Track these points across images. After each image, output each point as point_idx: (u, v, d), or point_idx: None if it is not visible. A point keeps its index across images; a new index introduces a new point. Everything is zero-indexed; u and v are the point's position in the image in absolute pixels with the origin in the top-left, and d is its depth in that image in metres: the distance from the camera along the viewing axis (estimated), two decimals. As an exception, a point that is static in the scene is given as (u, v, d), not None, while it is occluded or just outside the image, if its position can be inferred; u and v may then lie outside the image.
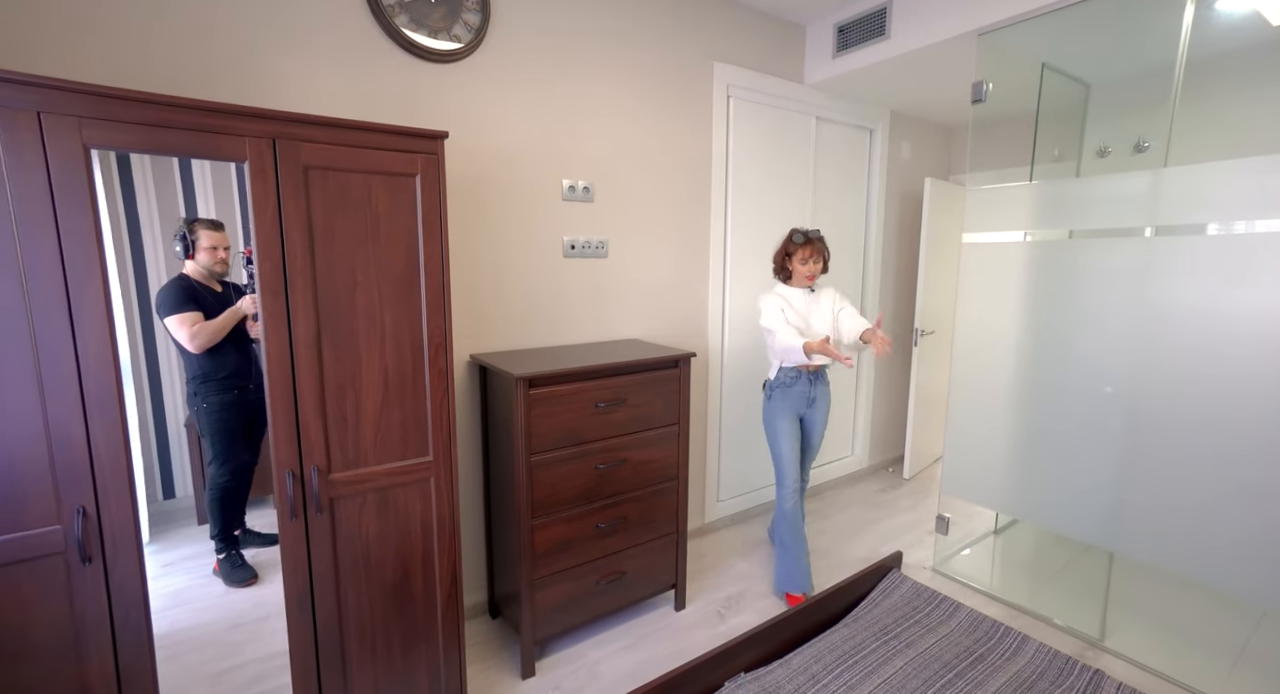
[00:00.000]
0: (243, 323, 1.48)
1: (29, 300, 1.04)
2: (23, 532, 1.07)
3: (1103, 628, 2.06)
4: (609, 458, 1.90)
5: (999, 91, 2.17)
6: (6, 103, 0.99)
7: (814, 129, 2.98)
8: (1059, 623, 2.14)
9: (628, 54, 2.28)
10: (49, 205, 1.04)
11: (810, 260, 2.18)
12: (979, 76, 2.18)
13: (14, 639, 1.09)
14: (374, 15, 1.75)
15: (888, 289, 3.55)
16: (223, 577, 1.58)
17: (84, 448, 1.10)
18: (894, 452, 3.79)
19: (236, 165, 1.40)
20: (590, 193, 2.24)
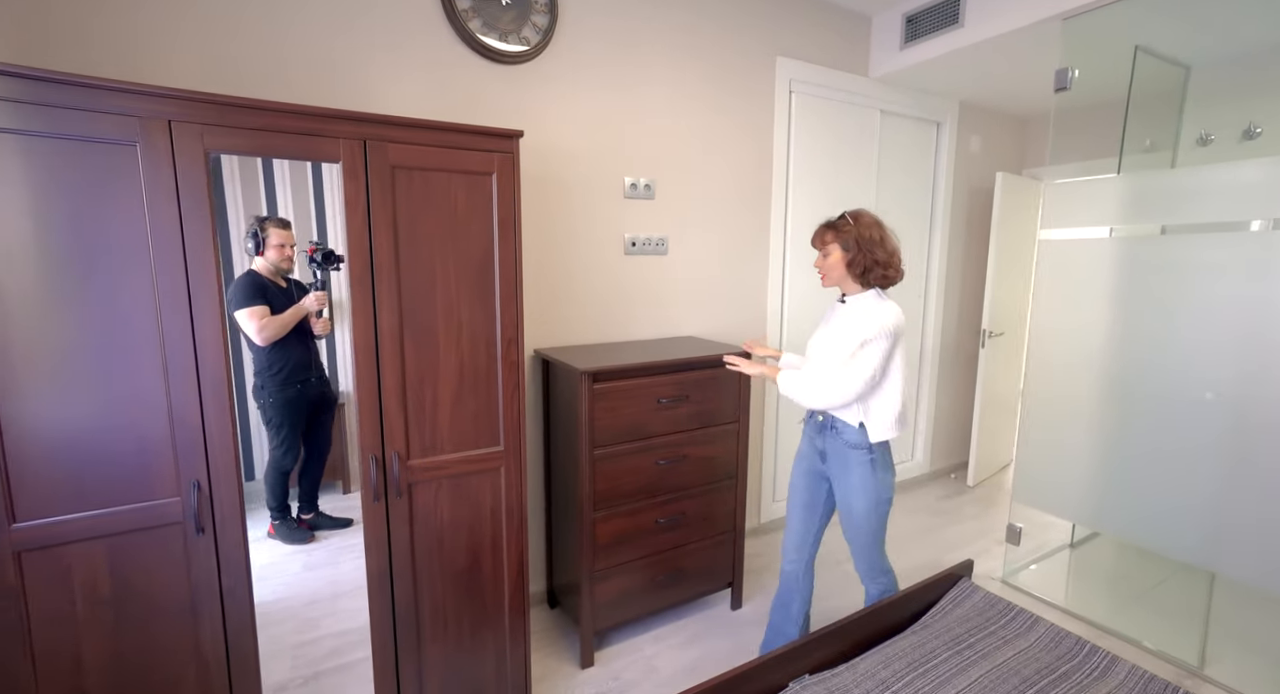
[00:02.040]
0: (306, 319, 1.55)
1: (158, 295, 1.14)
2: (150, 501, 1.17)
3: (1202, 655, 1.91)
4: (670, 454, 1.91)
5: (1085, 79, 2.05)
6: (145, 113, 1.08)
7: (878, 123, 2.90)
8: (1150, 646, 2.00)
9: (690, 50, 2.27)
10: (175, 207, 1.13)
11: (818, 253, 1.64)
12: (1063, 63, 2.06)
13: (144, 601, 1.20)
14: (449, 20, 1.82)
15: (953, 289, 3.41)
16: (280, 538, 1.66)
17: (199, 427, 1.20)
18: (957, 457, 3.64)
19: (313, 165, 1.49)
20: (651, 190, 2.25)
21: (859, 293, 1.60)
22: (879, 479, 1.61)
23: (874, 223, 1.59)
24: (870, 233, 1.56)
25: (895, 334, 1.52)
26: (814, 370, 1.57)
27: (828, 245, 1.60)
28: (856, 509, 1.62)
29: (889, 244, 1.57)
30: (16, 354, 1.05)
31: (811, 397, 1.54)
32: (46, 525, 1.11)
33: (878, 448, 1.59)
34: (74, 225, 1.07)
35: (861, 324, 1.53)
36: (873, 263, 1.55)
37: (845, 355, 1.52)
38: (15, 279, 1.04)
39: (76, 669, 1.17)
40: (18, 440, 1.07)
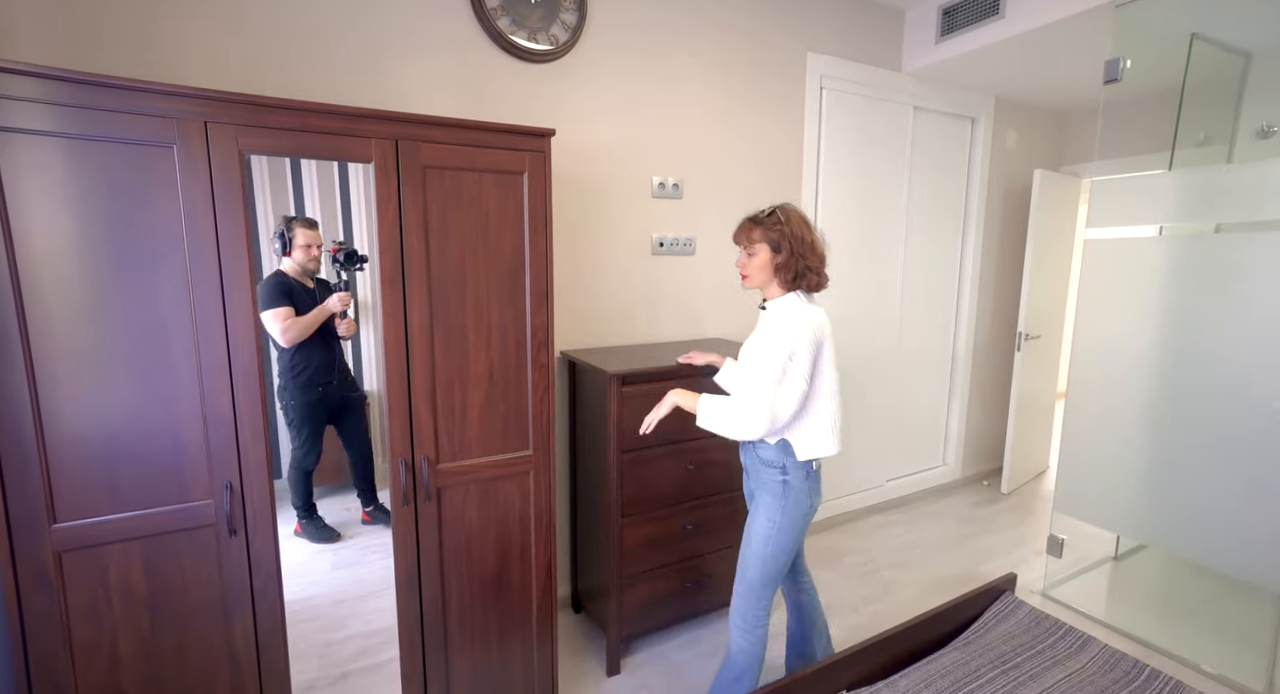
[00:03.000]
0: (331, 320, 1.53)
1: (193, 296, 1.14)
2: (185, 503, 1.18)
3: (1270, 682, 1.80)
4: (699, 458, 1.88)
5: (1137, 69, 1.95)
6: (182, 115, 1.08)
7: (910, 119, 2.82)
8: (1209, 670, 1.89)
9: (720, 48, 2.23)
10: (210, 208, 1.13)
11: (741, 251, 1.47)
12: (1114, 53, 1.96)
13: (179, 599, 1.20)
14: (478, 18, 1.81)
15: (987, 290, 3.31)
16: (307, 537, 1.67)
17: (231, 429, 1.20)
18: (989, 463, 3.54)
19: (340, 166, 1.48)
20: (680, 189, 2.22)
21: (780, 297, 1.43)
22: (786, 507, 1.38)
23: (803, 221, 1.42)
24: (802, 233, 1.39)
25: (819, 341, 1.36)
26: (734, 397, 1.36)
27: (754, 244, 1.42)
28: (756, 532, 1.43)
29: (819, 247, 1.42)
30: (58, 356, 1.06)
31: (734, 428, 1.34)
32: (85, 526, 1.11)
33: (795, 468, 1.38)
34: (112, 227, 1.07)
35: (783, 334, 1.34)
36: (805, 268, 1.39)
37: (767, 371, 1.32)
38: (56, 281, 1.05)
39: (113, 665, 1.18)
40: (58, 442, 1.08)
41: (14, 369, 1.03)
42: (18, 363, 1.03)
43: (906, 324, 3.03)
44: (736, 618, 1.46)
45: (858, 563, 2.54)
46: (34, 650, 1.10)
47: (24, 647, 1.09)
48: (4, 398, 1.03)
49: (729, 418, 1.34)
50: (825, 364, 1.39)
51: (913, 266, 3.00)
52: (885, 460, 3.07)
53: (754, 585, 1.43)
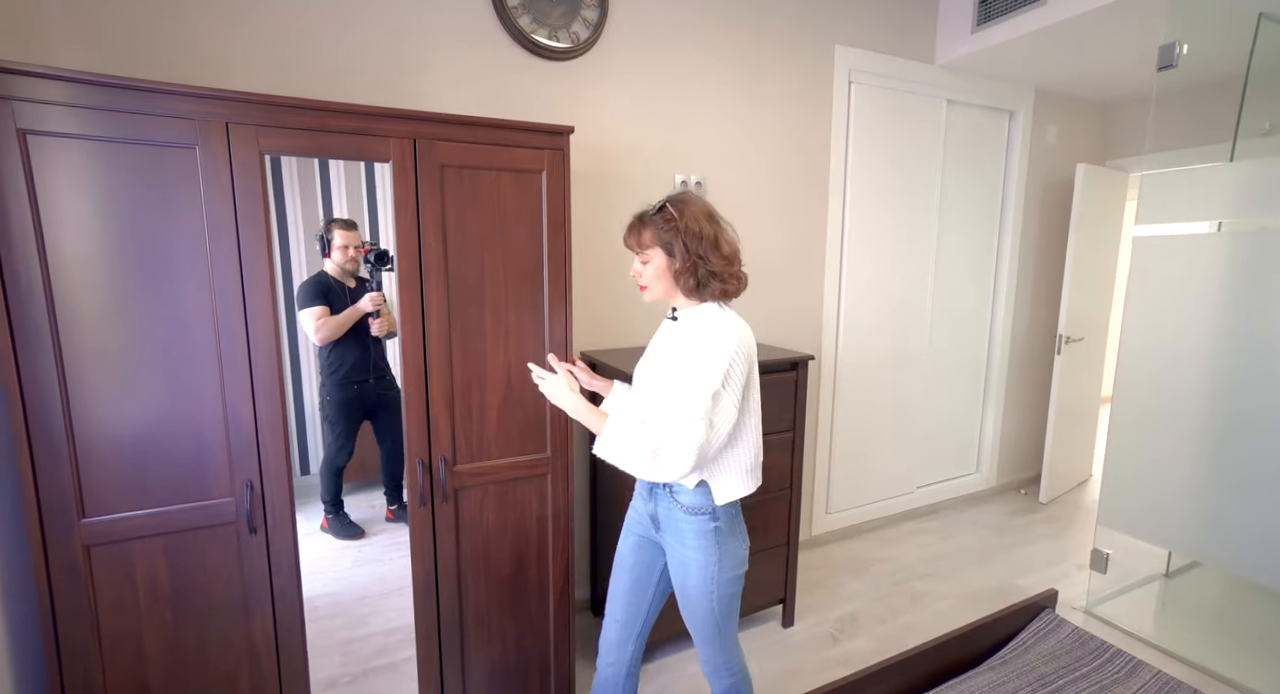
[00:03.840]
0: (365, 320, 1.55)
1: (214, 296, 1.15)
2: (207, 501, 1.19)
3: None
4: (719, 463, 1.83)
5: (1194, 54, 1.83)
6: (204, 116, 1.09)
7: (944, 113, 2.72)
8: (1271, 699, 1.77)
9: (745, 42, 2.18)
10: (231, 208, 1.14)
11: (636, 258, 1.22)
12: (1169, 37, 1.84)
13: (202, 595, 1.22)
14: (498, 17, 1.80)
15: (1024, 290, 3.17)
16: (332, 532, 1.68)
17: (252, 428, 1.20)
18: (1026, 471, 3.39)
19: (366, 166, 1.49)
20: (703, 187, 2.18)
21: (694, 306, 1.20)
22: (725, 551, 1.21)
23: (705, 215, 1.16)
24: (700, 229, 1.13)
25: (750, 361, 1.14)
26: (655, 426, 1.09)
27: (646, 248, 1.18)
28: (694, 590, 1.22)
29: (725, 244, 1.17)
30: (86, 356, 1.08)
31: (651, 466, 1.07)
32: (112, 521, 1.13)
33: (724, 511, 1.20)
34: (136, 228, 1.09)
35: (711, 353, 1.10)
36: (708, 274, 1.14)
37: (697, 400, 1.07)
38: (84, 281, 1.07)
39: (139, 659, 1.20)
40: (86, 438, 1.10)
41: (45, 368, 1.05)
42: (49, 361, 1.05)
43: (938, 325, 2.92)
44: (713, 668, 1.30)
45: (887, 572, 2.45)
46: (65, 642, 1.13)
47: (55, 639, 1.12)
48: (36, 395, 1.05)
49: (646, 452, 1.07)
50: (753, 389, 1.18)
51: (945, 265, 2.90)
52: (916, 466, 2.97)
53: (713, 636, 1.26)
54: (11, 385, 1.03)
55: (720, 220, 1.20)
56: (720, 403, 1.09)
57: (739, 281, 1.19)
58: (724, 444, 1.13)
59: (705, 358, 1.10)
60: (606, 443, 1.11)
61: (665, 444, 1.07)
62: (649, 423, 1.11)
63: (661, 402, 1.14)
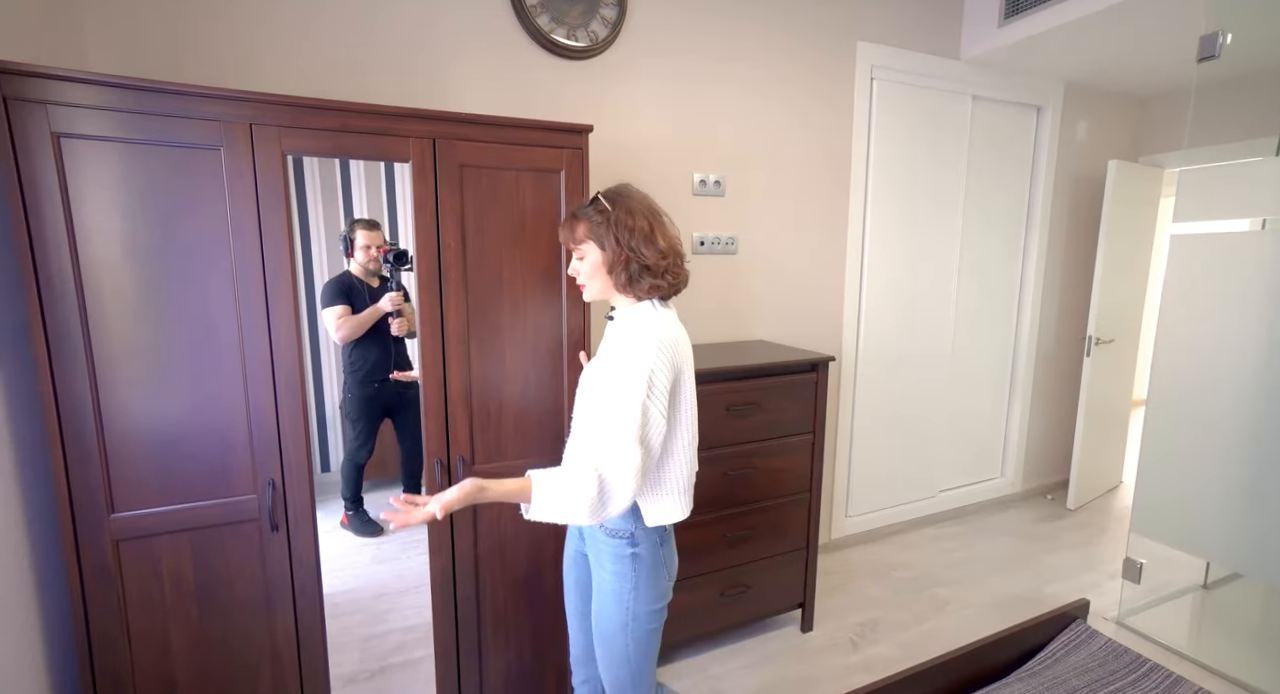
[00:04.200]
0: (386, 319, 1.56)
1: (237, 296, 1.16)
2: (230, 498, 1.21)
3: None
4: (739, 465, 1.81)
5: (1239, 44, 1.75)
6: (229, 117, 1.11)
7: (969, 110, 2.65)
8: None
9: (764, 39, 2.16)
10: (254, 208, 1.15)
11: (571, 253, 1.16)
12: (1211, 26, 1.77)
13: (226, 591, 1.24)
14: (517, 16, 1.80)
15: (1052, 290, 3.09)
16: (352, 529, 1.70)
17: (274, 427, 1.22)
18: (1053, 476, 3.30)
19: (386, 166, 1.50)
20: (721, 187, 2.15)
21: (630, 304, 1.13)
22: (642, 581, 1.11)
23: (641, 208, 1.09)
24: (634, 222, 1.07)
25: (677, 366, 1.05)
26: (582, 468, 0.98)
27: (580, 244, 1.12)
28: (606, 621, 1.14)
29: (662, 238, 1.09)
30: (115, 355, 1.10)
31: (597, 512, 0.98)
32: (140, 517, 1.15)
33: (645, 536, 1.10)
34: (162, 229, 1.10)
35: (633, 359, 1.02)
36: (641, 268, 1.07)
37: (627, 417, 0.99)
38: (113, 281, 1.09)
39: (166, 652, 1.22)
40: (115, 435, 1.12)
41: (77, 366, 1.07)
42: (80, 360, 1.07)
43: (962, 325, 2.86)
44: None
45: (908, 578, 2.40)
46: (95, 634, 1.15)
47: (87, 630, 1.14)
48: (68, 393, 1.07)
49: (586, 500, 0.96)
50: (684, 398, 1.07)
51: (969, 264, 2.83)
52: (938, 469, 2.90)
53: (620, 675, 1.15)
54: (45, 384, 1.05)
55: (660, 214, 1.13)
56: (649, 415, 1.00)
57: (674, 277, 1.11)
58: (657, 458, 1.05)
59: (626, 366, 1.02)
60: (539, 505, 0.98)
61: (605, 482, 0.97)
62: (577, 464, 0.99)
63: (591, 422, 1.05)
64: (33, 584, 1.13)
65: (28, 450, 1.13)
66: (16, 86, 0.97)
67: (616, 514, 1.01)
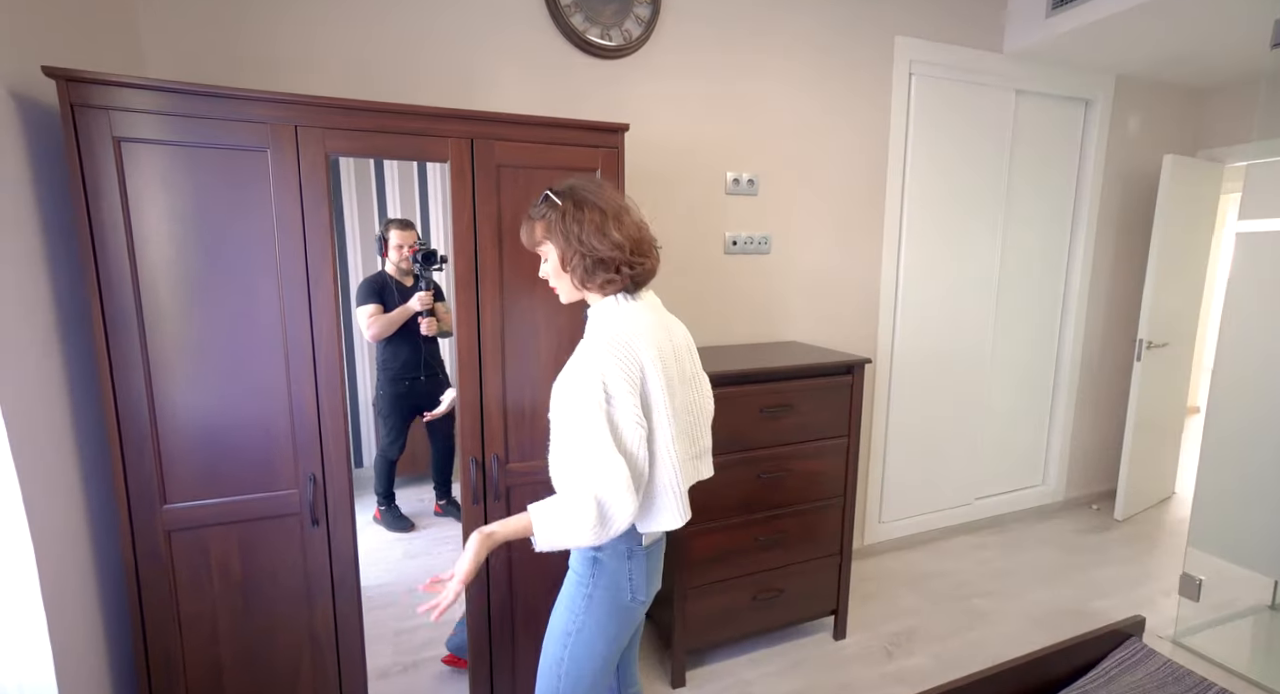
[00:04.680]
0: (416, 319, 1.58)
1: (281, 294, 1.19)
2: (273, 492, 1.24)
3: None
4: (773, 467, 1.78)
5: (1313, 30, 1.65)
6: (275, 120, 1.13)
7: (1012, 105, 2.56)
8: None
9: (799, 35, 2.12)
10: (298, 208, 1.18)
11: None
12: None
13: (269, 582, 1.27)
14: (551, 17, 1.80)
15: (1099, 290, 2.96)
16: (384, 524, 1.73)
17: (315, 423, 1.24)
18: (1098, 485, 3.16)
19: (419, 167, 1.52)
20: (755, 186, 2.13)
21: (598, 301, 1.05)
22: (598, 592, 1.02)
23: (594, 200, 1.01)
24: (583, 216, 0.99)
25: (636, 363, 0.96)
26: (575, 490, 0.93)
27: (540, 245, 1.05)
28: (552, 623, 1.07)
29: (617, 229, 1.00)
30: (168, 351, 1.14)
31: (603, 530, 0.92)
32: (190, 508, 1.19)
33: (613, 544, 1.01)
34: (212, 229, 1.14)
35: (582, 367, 0.95)
36: (594, 262, 0.99)
37: (592, 434, 0.92)
38: (166, 281, 1.12)
39: (213, 638, 1.26)
40: (168, 430, 1.16)
41: (133, 362, 1.12)
42: (136, 356, 1.12)
43: (1002, 327, 2.77)
44: None
45: (945, 587, 2.33)
46: (149, 619, 1.19)
47: (141, 615, 1.19)
48: (125, 389, 1.12)
49: (588, 521, 0.90)
50: (654, 396, 0.98)
51: (1011, 264, 2.74)
52: (976, 475, 2.81)
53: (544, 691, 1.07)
54: (105, 379, 1.10)
55: (621, 206, 1.04)
56: (616, 422, 0.93)
57: (633, 268, 1.01)
58: (645, 460, 0.97)
59: (573, 376, 0.94)
60: (543, 536, 0.94)
61: (600, 501, 0.90)
62: (570, 488, 0.93)
63: (563, 436, 0.96)
64: (92, 569, 1.18)
65: (88, 443, 1.18)
66: (82, 93, 1.02)
67: (624, 529, 0.93)
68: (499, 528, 0.99)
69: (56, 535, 1.06)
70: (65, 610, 1.08)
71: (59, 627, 1.04)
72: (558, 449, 0.98)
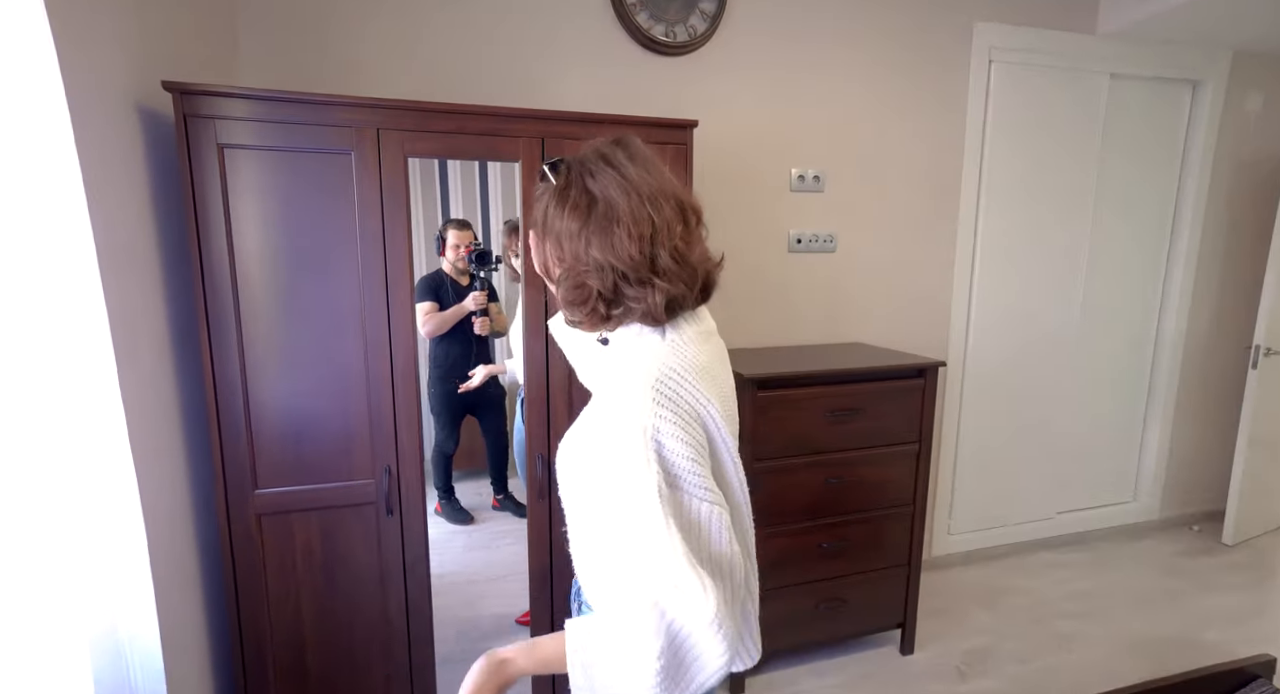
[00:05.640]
0: (470, 318, 1.60)
1: (362, 291, 1.24)
2: (351, 481, 1.30)
3: None
4: (838, 472, 1.72)
5: None
6: (360, 123, 1.19)
7: (1105, 90, 2.37)
8: None
9: (870, 26, 2.03)
10: (379, 209, 1.23)
11: None
12: None
13: (346, 566, 1.34)
14: (616, 15, 1.80)
15: (1204, 291, 2.69)
16: (445, 517, 1.78)
17: (390, 416, 1.29)
18: (1203, 505, 2.88)
19: (480, 167, 1.54)
20: (821, 182, 2.06)
21: (623, 327, 0.72)
22: None
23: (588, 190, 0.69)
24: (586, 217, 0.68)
25: (695, 415, 0.64)
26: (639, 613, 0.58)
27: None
28: None
29: (628, 231, 0.66)
30: (260, 346, 1.21)
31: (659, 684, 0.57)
32: (278, 494, 1.27)
33: None
34: (301, 229, 1.20)
35: (617, 433, 0.62)
36: (614, 285, 0.67)
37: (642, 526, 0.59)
38: (260, 278, 1.20)
39: (297, 616, 1.33)
40: (260, 419, 1.23)
41: (231, 356, 1.19)
42: (233, 349, 1.19)
43: (1090, 329, 2.56)
44: None
45: (1022, 605, 2.18)
46: (242, 598, 1.28)
47: (235, 592, 1.27)
48: (224, 379, 1.20)
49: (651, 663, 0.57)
50: (724, 456, 0.69)
51: (1101, 260, 2.53)
52: (1057, 488, 2.62)
53: None
54: (206, 371, 1.18)
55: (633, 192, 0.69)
56: (690, 511, 0.62)
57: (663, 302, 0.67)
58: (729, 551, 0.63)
59: (613, 450, 0.62)
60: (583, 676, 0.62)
61: (676, 634, 0.57)
62: (632, 603, 0.59)
63: (594, 524, 0.69)
64: (193, 546, 1.27)
65: (192, 430, 1.27)
66: (193, 105, 1.09)
67: (714, 680, 0.59)
68: (519, 655, 0.66)
69: (165, 515, 1.15)
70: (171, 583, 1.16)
71: (165, 598, 1.12)
72: (588, 533, 0.71)
